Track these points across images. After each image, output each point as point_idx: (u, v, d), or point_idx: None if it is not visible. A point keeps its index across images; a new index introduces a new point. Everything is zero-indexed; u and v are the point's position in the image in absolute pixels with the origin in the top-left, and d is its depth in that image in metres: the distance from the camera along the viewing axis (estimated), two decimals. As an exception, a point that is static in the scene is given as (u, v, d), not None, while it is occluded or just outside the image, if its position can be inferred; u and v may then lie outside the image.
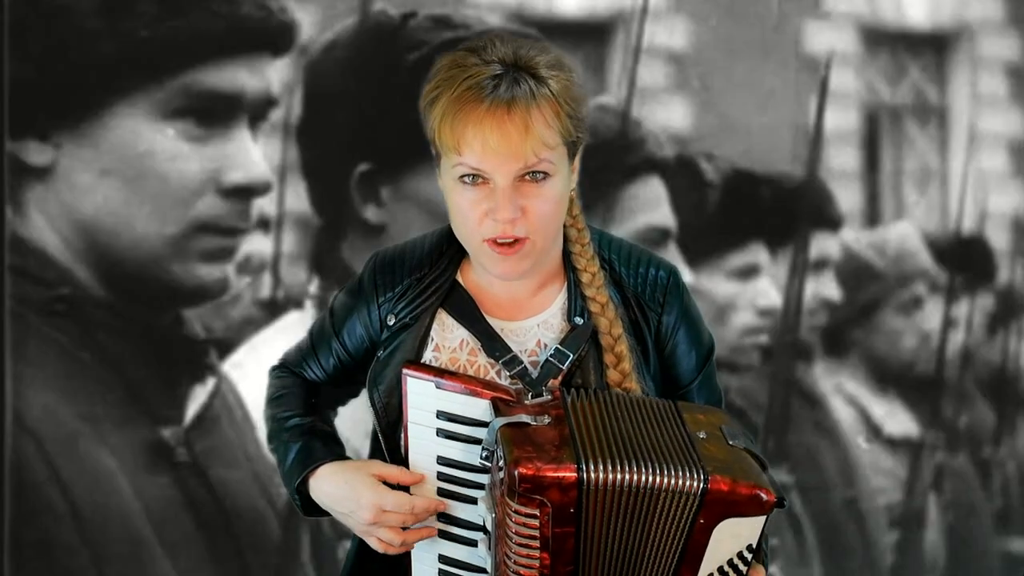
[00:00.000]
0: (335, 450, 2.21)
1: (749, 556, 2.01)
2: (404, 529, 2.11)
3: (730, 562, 2.01)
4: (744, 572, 2.02)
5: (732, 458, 2.00)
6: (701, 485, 1.95)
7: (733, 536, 1.98)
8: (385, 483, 2.12)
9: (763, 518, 1.98)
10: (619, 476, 1.95)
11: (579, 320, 2.14)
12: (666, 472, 1.95)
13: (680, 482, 1.95)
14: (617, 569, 2.00)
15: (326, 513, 2.19)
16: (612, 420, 2.02)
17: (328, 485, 2.16)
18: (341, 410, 2.35)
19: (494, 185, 2.04)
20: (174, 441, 3.75)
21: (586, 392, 2.07)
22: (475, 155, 2.03)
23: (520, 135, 2.01)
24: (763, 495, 1.96)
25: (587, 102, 2.14)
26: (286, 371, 2.33)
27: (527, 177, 2.04)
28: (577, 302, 2.16)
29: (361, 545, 2.23)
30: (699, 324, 2.24)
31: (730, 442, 2.03)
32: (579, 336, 2.13)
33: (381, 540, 2.11)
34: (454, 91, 2.03)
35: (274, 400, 2.30)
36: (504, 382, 2.11)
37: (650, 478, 1.95)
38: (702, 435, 2.02)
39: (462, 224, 2.09)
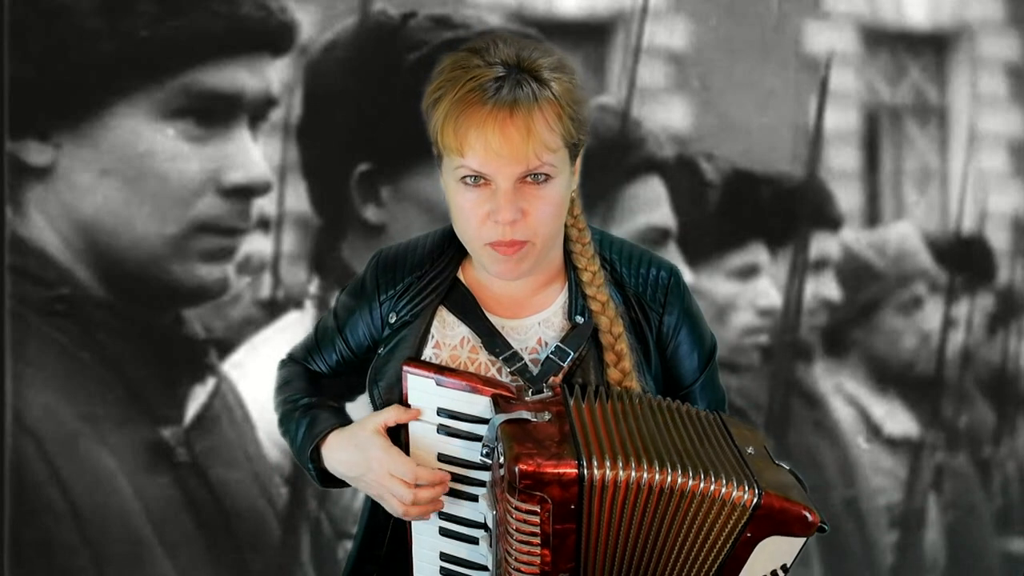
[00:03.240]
0: (342, 420, 2.22)
1: (782, 575, 2.02)
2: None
3: None
4: None
5: (780, 477, 2.02)
6: (755, 499, 1.96)
7: (772, 554, 2.00)
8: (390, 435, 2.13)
9: (804, 539, 2.00)
10: (631, 474, 1.95)
11: (580, 319, 2.14)
12: (711, 479, 1.96)
13: (731, 492, 1.96)
14: (629, 569, 2.00)
15: (342, 483, 2.20)
16: (630, 420, 2.02)
17: (338, 452, 2.17)
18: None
19: (496, 187, 2.04)
20: (174, 441, 3.75)
21: (597, 390, 2.07)
22: (477, 157, 2.03)
23: (522, 138, 2.01)
24: (809, 516, 1.98)
25: (589, 104, 2.14)
26: (293, 362, 2.35)
27: (528, 179, 2.05)
28: (578, 301, 2.16)
29: (361, 546, 2.24)
30: (701, 324, 2.25)
31: (776, 461, 2.06)
32: (580, 334, 2.13)
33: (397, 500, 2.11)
34: (457, 93, 2.03)
35: (282, 387, 2.32)
36: (505, 379, 2.11)
37: (685, 481, 1.96)
38: (751, 451, 2.04)
39: (464, 225, 2.10)
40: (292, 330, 3.77)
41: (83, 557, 3.71)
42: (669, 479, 1.96)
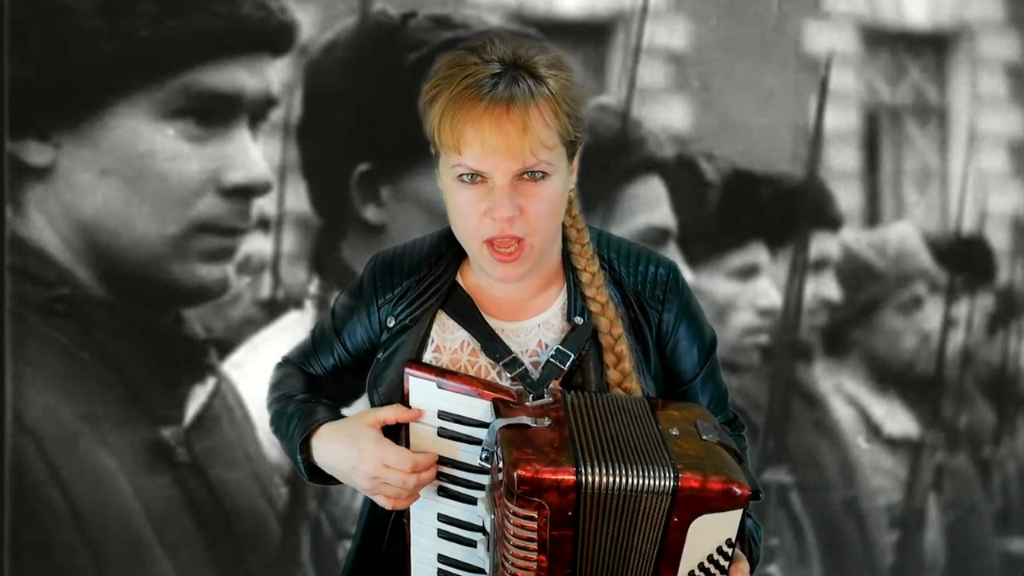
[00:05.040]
0: (336, 415, 2.21)
1: (729, 550, 2.00)
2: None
3: (710, 557, 2.00)
4: (726, 567, 2.01)
5: (704, 453, 1.99)
6: (672, 483, 1.94)
7: (710, 532, 1.97)
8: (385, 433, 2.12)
9: (739, 512, 1.97)
10: (613, 479, 1.94)
11: (579, 320, 2.14)
12: (641, 472, 1.94)
13: (652, 481, 1.94)
14: (608, 571, 1.99)
15: (331, 480, 2.18)
16: (606, 422, 2.02)
17: (329, 443, 2.15)
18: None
19: (492, 184, 2.04)
20: (174, 441, 3.75)
21: (585, 394, 2.07)
22: (474, 154, 2.03)
23: (519, 134, 2.01)
24: (736, 489, 1.95)
25: (586, 102, 2.14)
26: (289, 364, 2.34)
27: (526, 176, 2.05)
28: (577, 302, 2.16)
29: (361, 545, 2.24)
30: (700, 320, 2.24)
31: (703, 437, 2.02)
32: (580, 336, 2.13)
33: (388, 496, 2.09)
34: (453, 90, 2.03)
35: (276, 386, 2.32)
36: (505, 383, 2.11)
37: (631, 479, 1.94)
38: (675, 432, 2.01)
39: (461, 223, 2.10)
40: (292, 330, 3.77)
41: (83, 557, 3.72)
42: (624, 480, 1.94)
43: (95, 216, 3.68)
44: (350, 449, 2.11)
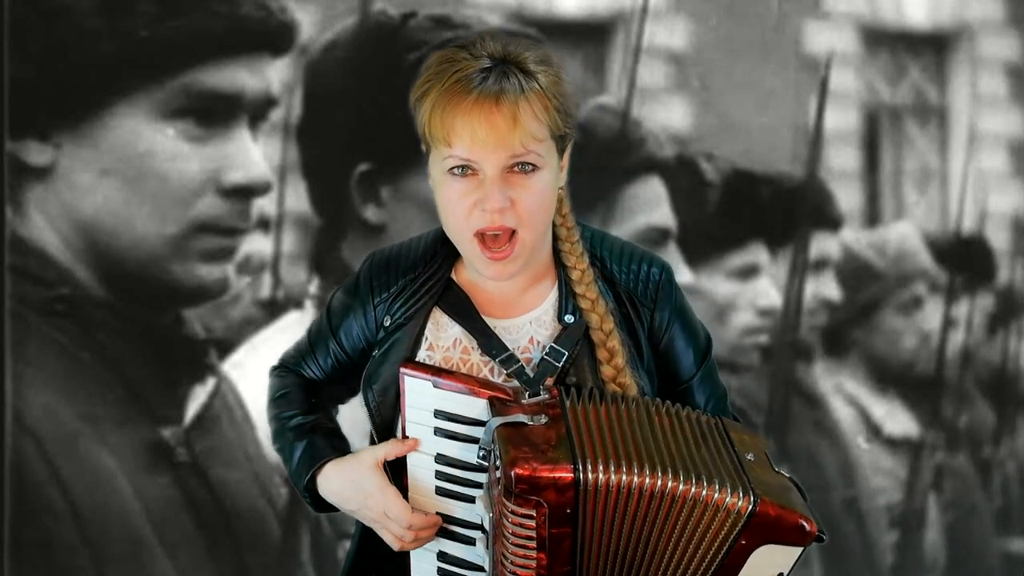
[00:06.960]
0: (339, 446, 2.23)
1: None
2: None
3: None
4: None
5: (779, 484, 2.01)
6: (750, 506, 1.95)
7: (769, 562, 1.99)
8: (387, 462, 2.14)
9: (800, 549, 1.99)
10: (622, 478, 1.94)
11: (570, 318, 2.14)
12: (706, 485, 1.96)
13: (727, 499, 1.95)
14: (624, 572, 2.00)
15: (336, 508, 2.21)
16: (626, 424, 2.02)
17: (335, 483, 2.17)
18: (340, 409, 2.36)
19: (483, 176, 2.05)
20: (174, 441, 3.75)
21: (591, 394, 2.07)
22: (464, 145, 2.04)
23: (508, 125, 2.03)
24: (806, 525, 1.97)
25: (576, 98, 2.15)
26: (286, 370, 2.34)
27: (516, 168, 2.06)
28: (568, 300, 2.16)
29: (360, 545, 2.24)
30: (693, 321, 2.25)
31: (776, 469, 2.04)
32: (573, 333, 2.14)
33: (390, 540, 2.13)
34: (443, 84, 2.05)
35: (276, 400, 2.31)
36: (498, 380, 2.12)
37: (677, 485, 1.95)
38: (750, 457, 2.03)
39: (451, 217, 2.10)
40: (292, 330, 3.77)
41: (83, 557, 3.72)
42: (661, 483, 1.95)
43: (95, 216, 3.68)
44: (355, 493, 2.15)
